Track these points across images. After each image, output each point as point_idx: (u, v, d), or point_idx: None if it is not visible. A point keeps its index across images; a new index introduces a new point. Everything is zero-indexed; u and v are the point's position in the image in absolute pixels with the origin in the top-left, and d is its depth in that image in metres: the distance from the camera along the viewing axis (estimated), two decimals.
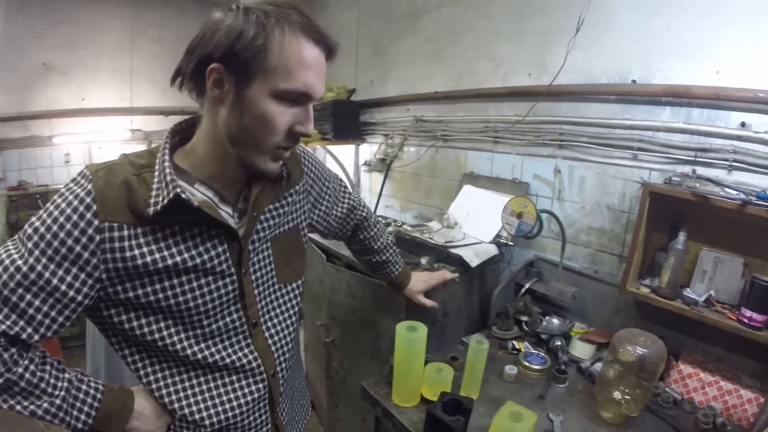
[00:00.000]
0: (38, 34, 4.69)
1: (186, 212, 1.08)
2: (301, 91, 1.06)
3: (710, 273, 2.05)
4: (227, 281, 1.21)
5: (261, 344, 1.33)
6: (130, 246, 1.05)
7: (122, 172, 1.08)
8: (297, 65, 1.04)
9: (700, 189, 1.95)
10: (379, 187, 4.27)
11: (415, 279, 2.12)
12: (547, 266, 2.69)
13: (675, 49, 2.21)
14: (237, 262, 1.23)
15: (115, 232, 1.03)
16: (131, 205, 1.05)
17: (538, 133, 2.79)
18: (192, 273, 1.14)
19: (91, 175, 1.05)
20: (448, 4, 3.45)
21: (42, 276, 1.00)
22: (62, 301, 1.03)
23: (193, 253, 1.13)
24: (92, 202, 1.01)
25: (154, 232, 1.08)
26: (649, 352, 1.73)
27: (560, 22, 2.65)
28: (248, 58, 1.01)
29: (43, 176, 4.94)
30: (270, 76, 1.03)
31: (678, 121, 2.22)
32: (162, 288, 1.11)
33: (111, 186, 1.04)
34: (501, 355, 2.27)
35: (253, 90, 1.04)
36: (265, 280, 1.34)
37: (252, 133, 1.08)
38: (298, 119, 1.11)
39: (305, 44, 1.05)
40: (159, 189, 1.07)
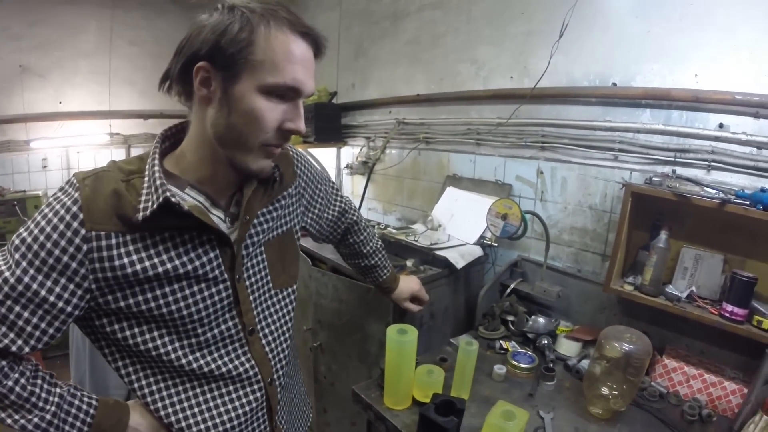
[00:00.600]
0: (14, 36, 4.58)
1: (176, 217, 1.06)
2: (289, 85, 1.04)
3: (691, 269, 2.10)
4: (221, 287, 1.18)
5: (258, 352, 1.30)
6: (119, 254, 1.02)
7: (110, 179, 1.06)
8: (284, 59, 1.02)
9: (680, 189, 1.99)
10: (361, 190, 4.26)
11: (404, 284, 2.11)
12: (531, 266, 2.72)
13: (655, 53, 2.25)
14: (230, 268, 1.20)
15: (102, 240, 1.01)
16: (120, 212, 1.03)
17: (521, 135, 2.82)
18: (184, 280, 1.12)
19: (78, 183, 1.02)
20: (429, 7, 3.47)
21: (30, 287, 0.98)
22: (51, 312, 1.01)
23: (184, 260, 1.10)
24: (79, 211, 0.99)
25: (143, 239, 1.05)
26: (634, 348, 1.76)
27: (541, 26, 2.69)
28: (234, 53, 0.99)
29: (20, 182, 4.83)
30: (257, 71, 1.01)
31: (658, 123, 2.27)
32: (154, 297, 1.09)
33: (98, 194, 1.02)
34: (489, 354, 2.29)
35: (240, 86, 1.02)
36: (260, 285, 1.31)
37: (240, 130, 1.06)
38: (288, 116, 1.08)
39: (292, 38, 1.04)
40: (148, 194, 1.04)
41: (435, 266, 2.62)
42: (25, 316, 0.99)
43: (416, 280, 2.20)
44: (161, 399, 1.20)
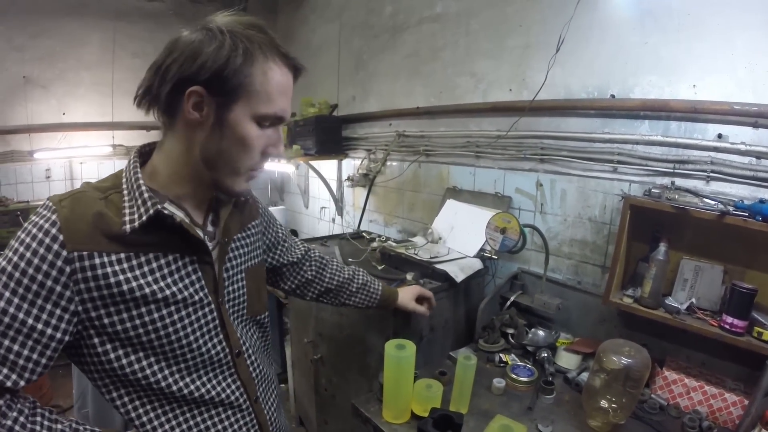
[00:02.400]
0: (18, 47, 4.63)
1: (163, 231, 1.07)
2: (278, 115, 1.10)
3: (691, 281, 2.09)
4: (206, 311, 1.19)
5: (244, 372, 1.31)
6: (104, 274, 1.01)
7: (88, 198, 1.05)
8: (276, 90, 1.07)
9: (679, 201, 2.00)
10: (362, 202, 4.28)
11: (404, 291, 2.12)
12: (531, 278, 2.72)
13: (652, 65, 2.26)
14: (213, 291, 1.21)
15: (86, 261, 0.99)
16: (101, 229, 1.02)
17: (520, 148, 2.83)
18: (172, 305, 1.11)
19: (54, 205, 1.01)
20: (428, 21, 3.48)
21: (16, 318, 0.96)
22: (41, 341, 0.99)
23: (168, 281, 1.11)
24: (58, 233, 0.98)
25: (129, 260, 1.05)
26: (633, 362, 1.76)
27: (539, 38, 2.70)
28: (235, 84, 1.02)
29: (23, 192, 4.86)
30: (252, 100, 1.05)
31: (656, 134, 2.27)
32: (140, 319, 1.07)
33: (77, 214, 1.01)
34: (488, 368, 2.29)
35: (235, 114, 1.05)
36: (238, 310, 1.32)
37: (230, 155, 1.09)
38: (271, 141, 1.13)
39: (283, 70, 1.09)
40: (132, 207, 1.05)
41: (435, 280, 2.61)
42: (16, 349, 0.97)
43: (415, 285, 2.26)
44: (160, 426, 1.18)
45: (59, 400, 3.91)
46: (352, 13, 4.34)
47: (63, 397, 3.89)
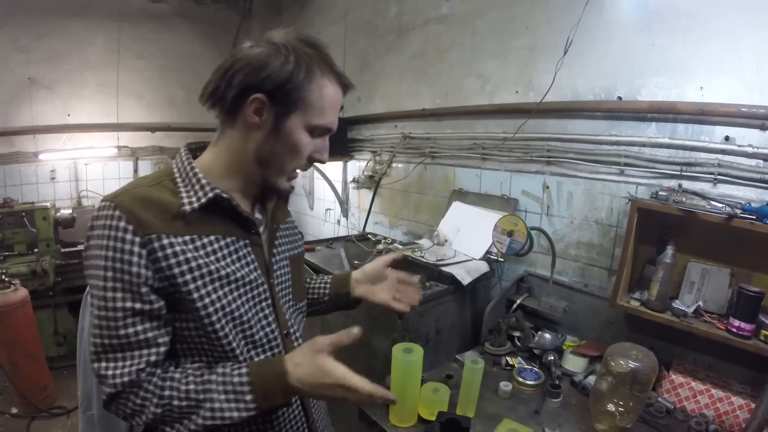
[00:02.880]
0: (23, 48, 4.67)
1: (217, 214, 1.19)
2: (328, 126, 1.22)
3: (698, 284, 2.09)
4: (260, 290, 1.27)
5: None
6: (173, 253, 1.10)
7: (137, 188, 1.14)
8: (329, 105, 1.19)
9: (686, 203, 1.99)
10: (367, 204, 4.28)
11: (356, 280, 1.70)
12: (537, 281, 2.71)
13: (659, 66, 2.25)
14: (265, 272, 1.30)
15: (155, 243, 1.08)
16: (161, 213, 1.12)
17: (526, 150, 2.82)
18: (232, 283, 1.19)
19: (112, 201, 1.09)
20: (434, 21, 3.48)
21: (129, 309, 1.07)
22: (155, 316, 1.11)
23: (228, 261, 1.20)
24: (126, 224, 1.06)
25: (192, 242, 1.14)
26: (641, 366, 1.76)
27: (545, 39, 2.70)
28: (296, 96, 1.14)
29: (28, 193, 4.90)
30: (308, 111, 1.17)
31: (663, 137, 2.26)
32: (207, 293, 1.14)
33: (135, 204, 1.09)
34: (495, 371, 2.28)
35: (291, 122, 1.16)
36: (284, 294, 1.39)
37: (281, 157, 1.20)
38: (318, 149, 1.24)
39: (335, 87, 1.20)
40: (189, 191, 1.16)
41: (441, 282, 2.61)
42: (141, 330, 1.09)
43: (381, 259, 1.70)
44: None
45: (64, 401, 3.90)
46: (358, 14, 4.34)
47: (68, 398, 3.88)
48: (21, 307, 3.60)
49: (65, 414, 3.76)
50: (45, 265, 4.09)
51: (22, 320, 3.64)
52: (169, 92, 5.60)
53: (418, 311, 2.43)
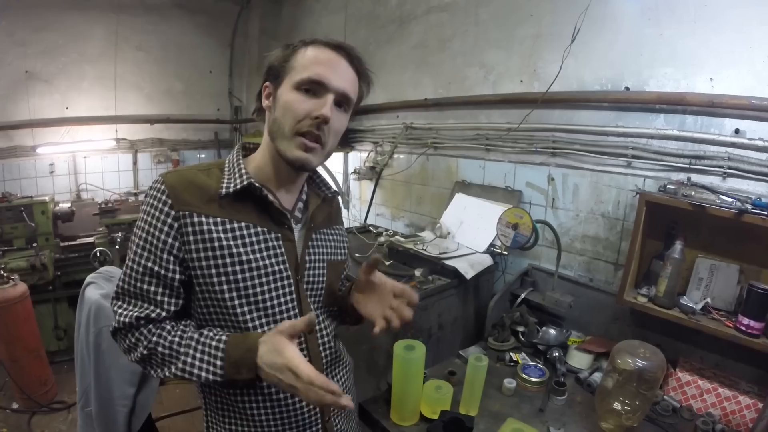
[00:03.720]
0: (20, 41, 4.64)
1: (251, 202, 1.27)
2: (313, 79, 1.22)
3: (706, 280, 2.06)
4: (285, 283, 1.31)
5: (313, 349, 1.40)
6: (201, 230, 1.21)
7: (188, 171, 1.28)
8: (310, 61, 1.23)
9: (695, 197, 1.96)
10: (368, 195, 4.25)
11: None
12: (542, 275, 2.68)
13: (668, 57, 2.21)
14: (294, 268, 1.34)
15: (187, 218, 1.20)
16: (200, 195, 1.24)
17: (531, 141, 2.78)
18: (255, 270, 1.26)
19: (162, 177, 1.24)
20: (436, 10, 3.44)
21: (147, 267, 1.22)
22: (166, 282, 1.23)
23: (255, 248, 1.26)
24: (167, 198, 1.20)
25: (223, 224, 1.24)
26: (648, 364, 1.72)
27: (551, 29, 2.65)
28: (278, 66, 1.27)
29: (27, 187, 4.88)
30: (292, 74, 1.24)
31: (672, 129, 2.22)
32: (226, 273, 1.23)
33: (180, 182, 1.23)
34: (498, 367, 2.25)
35: (281, 88, 1.25)
36: (316, 294, 1.42)
37: (279, 121, 1.24)
38: (317, 106, 1.23)
39: (321, 48, 1.26)
40: (230, 179, 1.27)
41: (444, 276, 2.58)
42: (152, 290, 1.23)
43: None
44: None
45: (64, 396, 3.89)
46: (358, 4, 4.30)
47: (68, 393, 3.87)
48: (20, 302, 3.59)
49: (66, 409, 3.75)
50: (44, 259, 4.08)
51: (22, 315, 3.63)
52: (168, 84, 5.57)
53: (421, 305, 2.39)
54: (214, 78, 5.86)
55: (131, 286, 1.24)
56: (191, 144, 5.85)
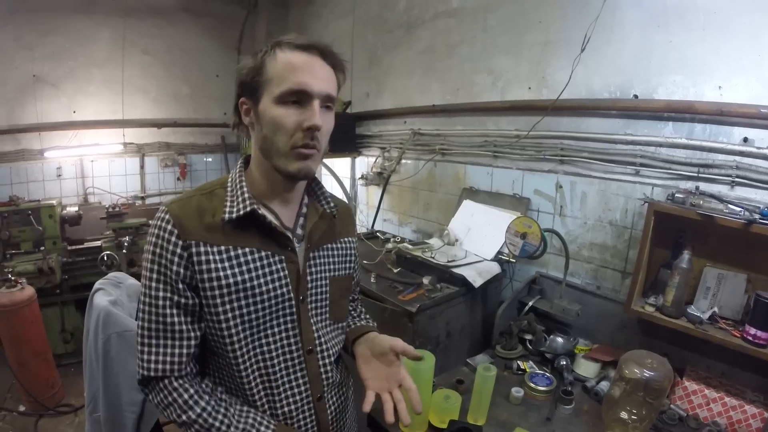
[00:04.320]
0: (27, 45, 4.63)
1: (255, 227, 1.26)
2: (294, 89, 1.18)
3: (714, 289, 2.05)
4: (286, 305, 1.30)
5: (313, 370, 1.37)
6: (207, 260, 1.20)
7: (191, 199, 1.26)
8: (286, 70, 1.18)
9: (704, 207, 1.95)
10: (375, 200, 4.25)
11: (365, 339, 1.52)
12: (549, 283, 2.67)
13: (677, 64, 2.21)
14: (295, 288, 1.32)
15: (193, 248, 1.19)
16: (204, 223, 1.22)
17: (539, 148, 2.78)
18: (258, 296, 1.25)
19: (166, 207, 1.23)
20: (443, 16, 3.44)
21: (168, 299, 1.20)
22: (189, 310, 1.22)
23: (259, 273, 1.25)
24: (173, 228, 1.19)
25: (227, 251, 1.23)
26: (656, 375, 1.72)
27: (559, 35, 2.65)
28: (251, 81, 1.21)
29: (35, 190, 4.87)
30: (269, 87, 1.19)
31: (680, 137, 2.22)
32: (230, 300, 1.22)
33: (184, 211, 1.22)
34: (506, 375, 2.24)
35: (262, 104, 1.21)
36: (320, 312, 1.40)
37: (270, 139, 1.21)
38: (304, 116, 1.19)
39: (292, 53, 1.20)
40: (233, 202, 1.25)
41: (452, 284, 2.58)
42: (177, 320, 1.21)
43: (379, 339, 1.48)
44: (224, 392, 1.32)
45: (71, 399, 3.88)
46: (366, 8, 4.30)
47: (75, 396, 3.86)
48: (27, 306, 3.57)
49: (72, 412, 3.74)
50: (51, 263, 4.06)
51: (29, 319, 3.61)
52: (174, 88, 5.57)
53: (429, 314, 2.40)
54: (221, 82, 5.82)
55: (155, 322, 1.21)
56: (198, 148, 5.84)
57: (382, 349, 1.40)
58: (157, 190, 5.63)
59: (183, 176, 5.69)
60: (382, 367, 1.40)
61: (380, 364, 1.41)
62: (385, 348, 1.39)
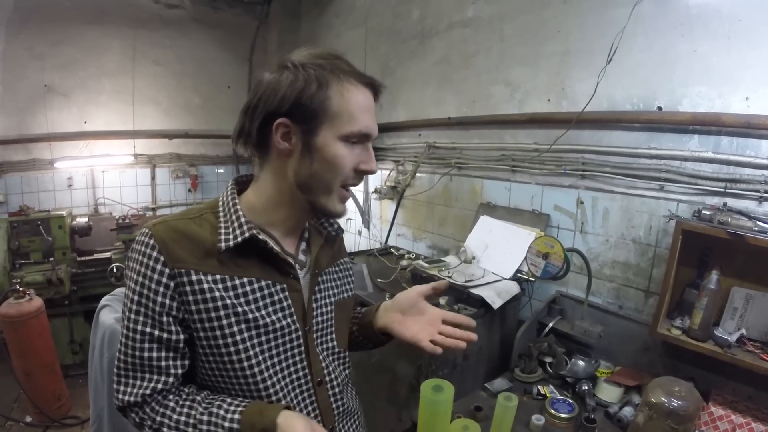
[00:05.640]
0: (38, 55, 4.67)
1: (254, 255, 1.17)
2: (363, 132, 1.14)
3: (741, 310, 1.98)
4: (293, 337, 1.24)
5: (324, 402, 1.33)
6: (201, 289, 1.12)
7: (178, 221, 1.17)
8: (357, 109, 1.12)
9: (732, 224, 1.89)
10: (389, 214, 4.19)
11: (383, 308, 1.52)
12: (570, 302, 2.59)
13: (702, 74, 2.13)
14: (301, 318, 1.26)
15: (184, 277, 1.11)
16: (195, 250, 1.14)
17: (559, 163, 2.70)
18: (261, 327, 1.18)
19: (150, 230, 1.13)
20: (458, 25, 3.38)
21: (145, 333, 1.12)
22: (171, 346, 1.14)
23: (259, 305, 1.18)
24: (159, 254, 1.10)
25: (224, 281, 1.15)
26: (684, 404, 1.66)
27: (579, 45, 2.59)
28: (314, 109, 1.10)
29: (45, 200, 4.90)
30: (335, 121, 1.11)
31: (707, 151, 2.14)
32: (231, 334, 1.14)
33: (170, 236, 1.13)
34: (526, 401, 2.16)
35: (321, 137, 1.12)
36: (326, 341, 1.35)
37: (322, 176, 1.15)
38: (362, 158, 1.17)
39: (361, 89, 1.14)
40: (228, 228, 1.16)
41: (470, 305, 2.51)
42: (155, 356, 1.13)
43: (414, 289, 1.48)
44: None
45: (78, 411, 3.87)
46: (379, 18, 4.26)
47: (82, 408, 3.85)
48: (35, 317, 3.58)
49: (79, 425, 3.74)
50: (61, 273, 4.08)
51: (37, 330, 3.62)
52: (185, 99, 5.58)
53: None
54: (232, 93, 5.82)
55: (131, 357, 1.14)
56: (209, 159, 5.84)
57: (410, 302, 1.41)
58: (168, 201, 5.63)
59: (194, 188, 5.68)
60: (418, 318, 1.40)
61: (415, 318, 1.40)
62: (413, 298, 1.40)
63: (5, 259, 4.10)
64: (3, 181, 4.71)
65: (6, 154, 4.70)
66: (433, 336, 1.33)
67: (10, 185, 4.75)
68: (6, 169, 4.71)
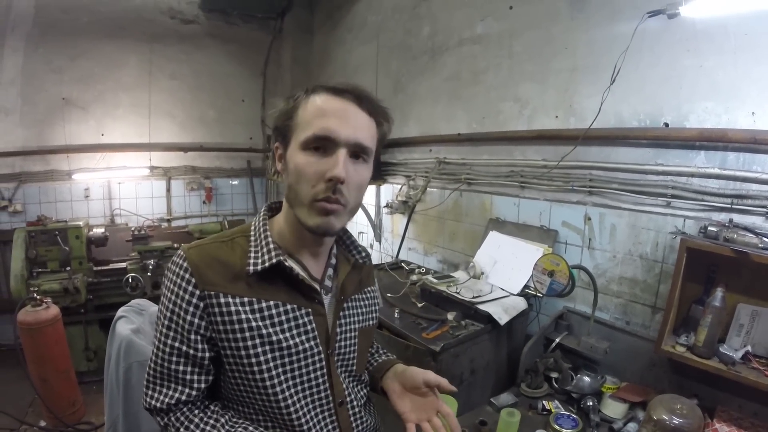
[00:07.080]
0: (57, 69, 4.79)
1: (281, 280, 1.22)
2: (318, 135, 1.13)
3: (747, 326, 1.97)
4: (315, 359, 1.26)
5: (345, 422, 1.34)
6: (228, 311, 1.17)
7: (210, 244, 1.25)
8: (314, 116, 1.14)
9: (738, 241, 1.89)
10: (400, 229, 4.20)
11: (393, 372, 1.52)
12: (577, 318, 2.59)
13: (708, 89, 2.14)
14: (325, 342, 1.29)
15: (213, 299, 1.16)
16: (225, 273, 1.19)
17: (567, 179, 2.71)
18: (285, 350, 1.21)
19: (184, 252, 1.20)
20: (468, 42, 3.41)
21: (174, 347, 1.19)
22: (197, 362, 1.20)
23: (284, 327, 1.22)
24: (191, 276, 1.16)
25: (251, 304, 1.19)
26: (685, 422, 1.66)
27: (586, 61, 2.60)
28: (283, 125, 1.19)
29: (62, 210, 4.99)
30: (297, 132, 1.16)
31: (713, 167, 2.15)
32: (255, 354, 1.18)
33: (203, 259, 1.19)
34: (531, 416, 2.17)
35: (290, 150, 1.18)
36: (347, 366, 1.37)
37: (292, 188, 1.18)
38: (327, 166, 1.13)
39: (324, 97, 1.16)
40: (257, 253, 1.22)
41: (477, 321, 2.52)
42: (182, 369, 1.20)
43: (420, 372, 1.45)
44: None
45: (92, 417, 3.91)
46: (390, 35, 4.30)
47: (96, 414, 3.89)
48: (52, 325, 3.63)
49: (92, 430, 3.77)
50: (77, 282, 4.15)
51: (53, 338, 3.67)
52: (200, 112, 5.66)
53: (453, 352, 2.35)
54: (246, 106, 5.91)
55: (161, 366, 1.21)
56: (224, 172, 5.90)
57: (414, 383, 1.39)
58: (183, 213, 5.70)
59: (209, 200, 5.74)
60: (417, 398, 1.39)
61: (415, 396, 1.40)
62: (418, 382, 1.38)
63: (23, 267, 4.17)
64: (21, 190, 4.82)
65: (25, 164, 4.81)
66: (421, 421, 1.32)
67: (29, 195, 4.86)
68: (25, 180, 4.81)
